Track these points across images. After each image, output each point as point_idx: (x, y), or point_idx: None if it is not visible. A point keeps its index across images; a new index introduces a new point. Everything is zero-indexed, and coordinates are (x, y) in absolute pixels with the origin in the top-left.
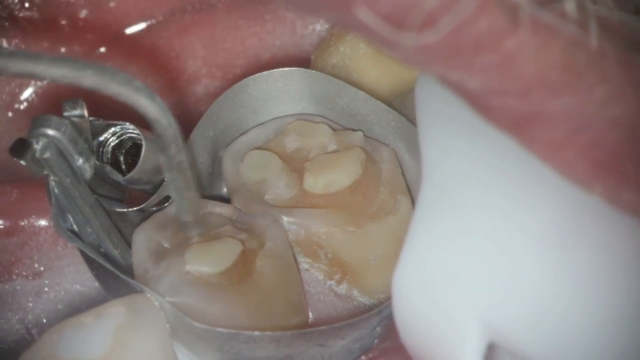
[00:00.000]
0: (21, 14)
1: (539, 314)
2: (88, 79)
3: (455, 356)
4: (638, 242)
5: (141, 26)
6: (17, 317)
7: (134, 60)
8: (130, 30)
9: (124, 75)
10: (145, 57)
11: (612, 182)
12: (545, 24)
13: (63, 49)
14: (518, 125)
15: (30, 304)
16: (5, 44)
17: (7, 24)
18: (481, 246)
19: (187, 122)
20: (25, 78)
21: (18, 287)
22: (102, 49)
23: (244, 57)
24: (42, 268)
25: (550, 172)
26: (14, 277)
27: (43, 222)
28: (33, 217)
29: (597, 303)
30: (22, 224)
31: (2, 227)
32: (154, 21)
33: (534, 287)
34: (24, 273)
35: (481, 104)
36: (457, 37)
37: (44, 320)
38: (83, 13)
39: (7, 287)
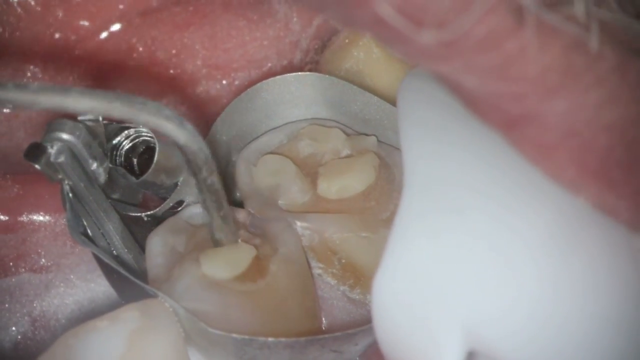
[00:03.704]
0: None
1: (536, 322)
2: (118, 110)
3: None
4: (632, 247)
5: (139, 18)
6: (24, 309)
7: (133, 53)
8: (127, 20)
9: (153, 104)
10: (145, 51)
11: (599, 187)
12: (549, 25)
13: (57, 35)
14: (510, 125)
15: (38, 298)
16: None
17: (4, 6)
18: (465, 251)
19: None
20: (55, 111)
21: (25, 282)
22: (102, 35)
23: (245, 61)
24: (49, 263)
25: (541, 178)
26: (21, 270)
27: (43, 219)
28: (33, 213)
29: (594, 310)
30: (22, 220)
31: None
32: (152, 13)
33: (531, 295)
34: (30, 268)
35: (476, 103)
36: (464, 36)
37: (51, 315)
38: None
39: (14, 280)
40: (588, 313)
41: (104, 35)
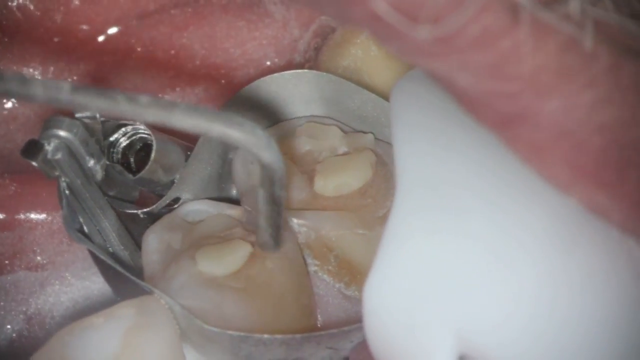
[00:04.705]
0: (14, 3)
1: (533, 327)
2: (217, 129)
3: None
4: (627, 247)
5: (137, 20)
6: (20, 307)
7: (132, 54)
8: (125, 23)
9: (249, 124)
10: (143, 51)
11: (591, 187)
12: (544, 24)
13: (56, 39)
14: (503, 124)
15: (34, 296)
16: None
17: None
18: (457, 252)
19: None
20: (159, 126)
21: (21, 279)
22: (101, 38)
23: (244, 60)
24: (45, 261)
25: (536, 179)
26: (17, 268)
27: (40, 217)
28: (30, 211)
29: (592, 313)
30: (19, 218)
31: None
32: (150, 15)
33: (527, 298)
34: (26, 266)
35: (469, 101)
36: (459, 33)
37: (46, 312)
38: (75, 4)
39: (9, 278)
40: (586, 316)
41: (102, 38)
